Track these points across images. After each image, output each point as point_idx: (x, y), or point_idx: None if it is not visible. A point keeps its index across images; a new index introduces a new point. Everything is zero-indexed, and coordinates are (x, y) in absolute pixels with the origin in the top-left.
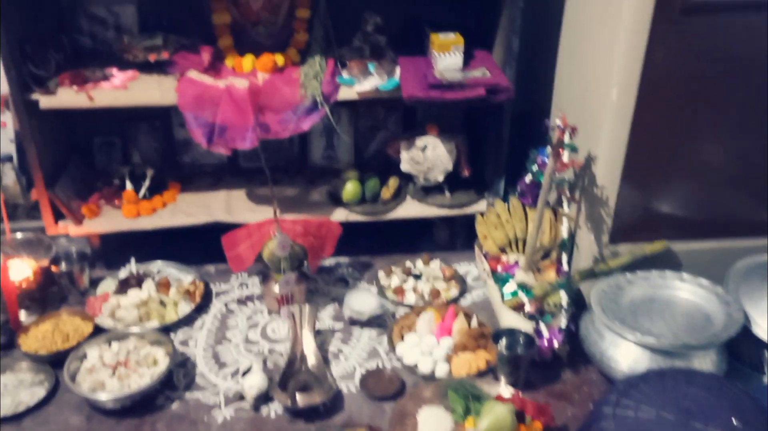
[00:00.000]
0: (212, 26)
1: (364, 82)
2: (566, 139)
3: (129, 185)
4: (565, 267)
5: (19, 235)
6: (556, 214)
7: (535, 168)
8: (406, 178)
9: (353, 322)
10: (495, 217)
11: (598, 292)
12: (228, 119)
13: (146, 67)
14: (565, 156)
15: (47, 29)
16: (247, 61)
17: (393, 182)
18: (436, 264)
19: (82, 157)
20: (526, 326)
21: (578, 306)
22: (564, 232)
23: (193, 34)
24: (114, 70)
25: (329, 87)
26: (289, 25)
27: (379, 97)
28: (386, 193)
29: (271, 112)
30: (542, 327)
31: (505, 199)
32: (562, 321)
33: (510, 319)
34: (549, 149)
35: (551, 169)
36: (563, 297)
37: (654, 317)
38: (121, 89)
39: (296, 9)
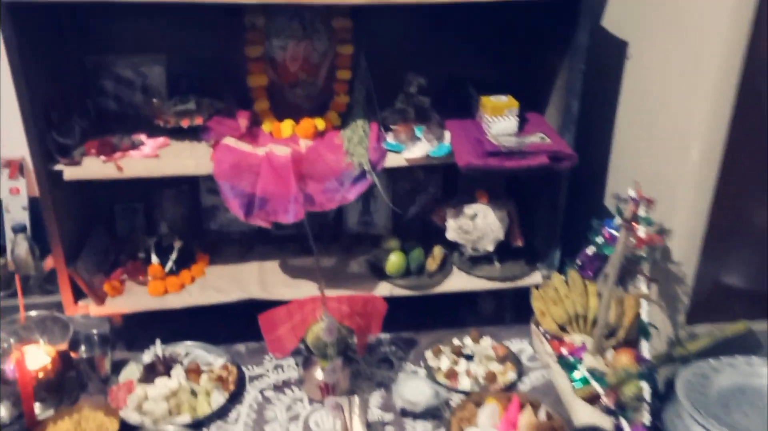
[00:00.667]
0: (246, 88)
1: (413, 148)
2: (641, 212)
3: (155, 259)
4: (645, 353)
5: (33, 313)
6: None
7: (600, 240)
8: (451, 246)
9: (405, 413)
10: (553, 292)
11: (684, 382)
12: (269, 190)
13: (178, 133)
14: (641, 231)
15: (72, 93)
16: (286, 126)
17: (438, 252)
18: (486, 342)
19: (102, 225)
20: (603, 422)
21: (654, 394)
22: (643, 315)
23: (225, 96)
24: (143, 137)
25: (376, 153)
26: (329, 86)
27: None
28: (432, 264)
29: (314, 181)
30: (624, 424)
31: (561, 271)
32: (646, 417)
33: (584, 413)
34: (619, 221)
35: (623, 245)
36: (644, 388)
37: (747, 410)
38: (151, 158)
39: (336, 70)
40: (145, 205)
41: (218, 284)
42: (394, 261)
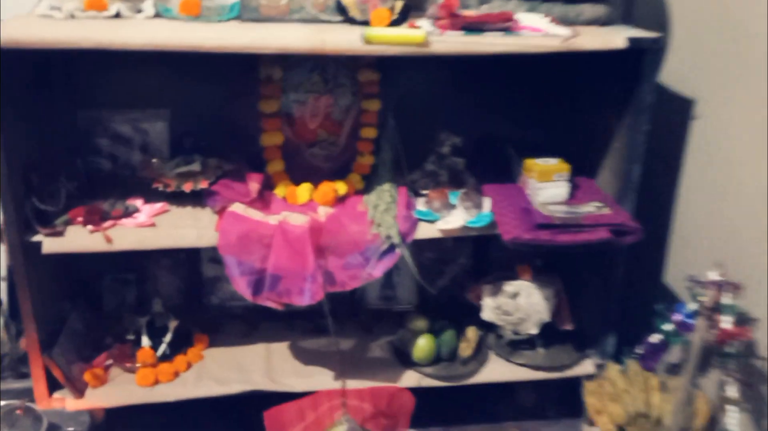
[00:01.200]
0: (259, 147)
1: (449, 218)
2: (725, 299)
3: (146, 341)
4: None
5: (2, 403)
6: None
7: (667, 328)
8: (486, 327)
9: None
10: (609, 385)
11: None
12: (282, 266)
13: (179, 198)
14: (726, 322)
15: (59, 152)
16: (303, 190)
17: (473, 334)
18: None
19: (87, 299)
20: None
21: None
22: (732, 425)
23: (234, 156)
24: (139, 202)
25: (406, 223)
26: (352, 146)
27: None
28: (466, 349)
29: (335, 256)
30: None
31: (617, 360)
32: None
33: None
34: (695, 306)
35: (702, 338)
36: None
37: None
38: (146, 227)
39: (361, 128)
40: (137, 275)
41: (217, 372)
42: (423, 345)
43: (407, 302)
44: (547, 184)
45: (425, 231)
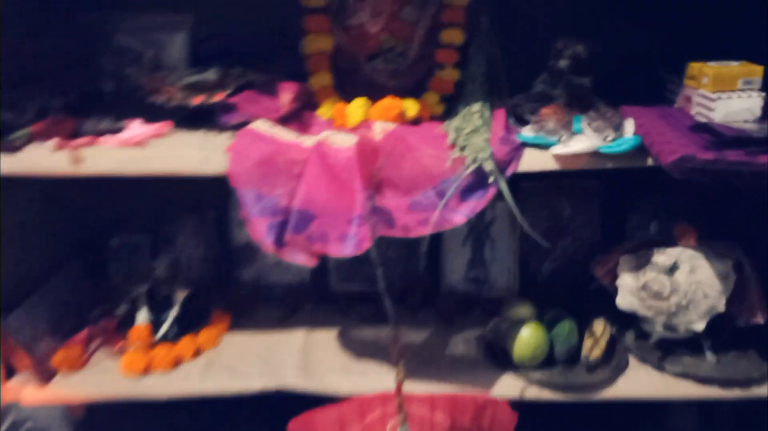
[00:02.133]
0: (302, 59)
1: (571, 142)
2: None
3: (143, 316)
4: None
5: None
6: None
7: None
8: (624, 321)
9: None
10: None
11: None
12: (316, 201)
13: (190, 119)
14: None
15: (50, 65)
16: (356, 108)
17: (602, 329)
18: None
19: (88, 265)
20: None
21: None
22: None
23: (269, 68)
24: (136, 123)
25: (504, 147)
26: (428, 56)
27: (572, 174)
28: (593, 349)
29: (395, 190)
30: None
31: None
32: None
33: None
34: None
35: None
36: None
37: None
38: (132, 148)
39: (442, 31)
40: (153, 238)
41: (236, 362)
42: (528, 339)
43: (505, 287)
44: (727, 95)
45: (533, 161)
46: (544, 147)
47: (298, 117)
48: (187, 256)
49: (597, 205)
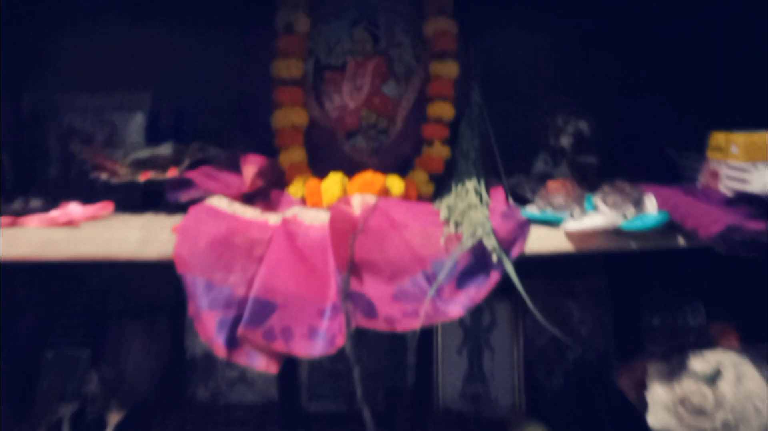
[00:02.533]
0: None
1: (585, 219)
2: None
3: None
4: None
5: None
6: None
7: None
8: None
9: None
10: None
11: None
12: (279, 287)
13: (137, 199)
14: None
15: None
16: (332, 184)
17: None
18: None
19: (17, 382)
20: None
21: None
22: None
23: (236, 144)
24: (73, 205)
25: (508, 224)
26: (414, 132)
27: (579, 274)
28: None
29: (377, 274)
30: None
31: None
32: None
33: None
34: None
35: None
36: None
37: None
38: (61, 226)
39: (429, 104)
40: (94, 351)
41: None
42: None
43: (508, 404)
44: (763, 164)
45: (542, 241)
46: (554, 224)
47: (264, 195)
48: (131, 369)
49: (608, 307)
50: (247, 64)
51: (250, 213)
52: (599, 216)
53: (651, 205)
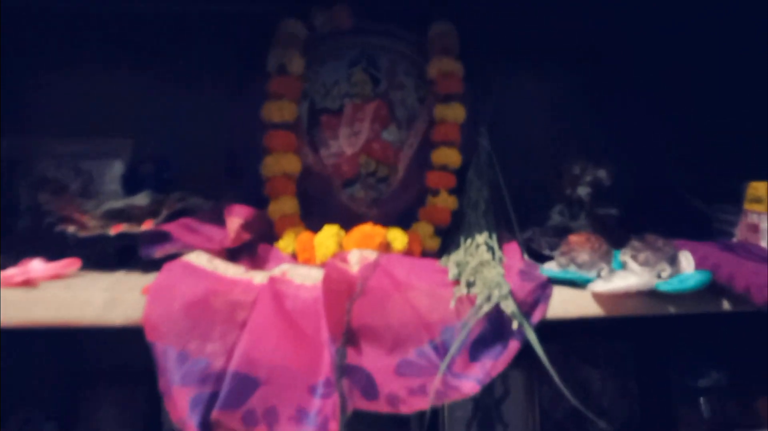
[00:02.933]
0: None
1: (614, 279)
2: None
3: None
4: None
5: None
6: None
7: None
8: None
9: None
10: None
11: None
12: (262, 359)
13: (108, 254)
14: None
15: None
16: (327, 238)
17: None
18: None
19: None
20: None
21: None
22: None
23: (223, 195)
24: (35, 262)
25: (527, 284)
26: (418, 182)
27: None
28: None
29: (377, 343)
30: None
31: None
32: None
33: None
34: None
35: None
36: None
37: None
38: (16, 286)
39: (433, 150)
40: (58, 422)
41: None
42: None
43: None
44: None
45: (566, 303)
46: (579, 284)
47: (250, 250)
48: None
49: (633, 374)
50: (235, 108)
51: (232, 271)
52: (632, 275)
53: (687, 262)
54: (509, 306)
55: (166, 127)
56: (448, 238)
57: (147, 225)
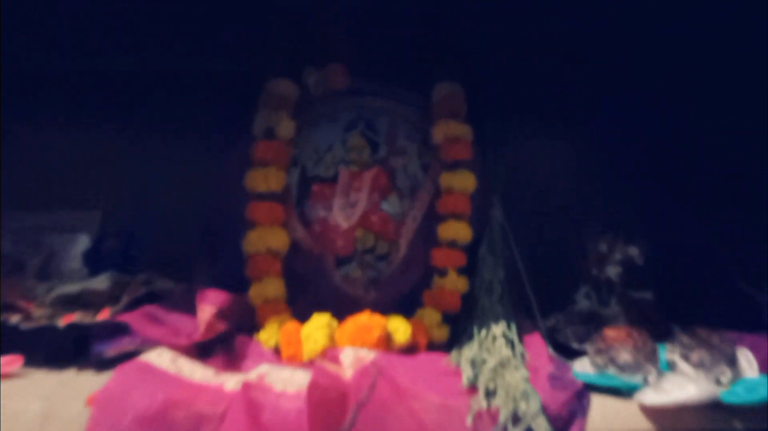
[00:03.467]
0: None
1: (665, 385)
2: None
3: None
4: None
5: None
6: None
7: None
8: None
9: None
10: None
11: None
12: None
13: (61, 349)
14: None
15: None
16: (316, 330)
17: None
18: None
19: None
20: None
21: None
22: None
23: (198, 275)
24: None
25: (560, 394)
26: (423, 260)
27: None
28: None
29: None
30: None
31: None
32: None
33: None
34: None
35: None
36: None
37: None
38: None
39: (440, 224)
40: None
41: None
42: None
43: None
44: None
45: (609, 419)
46: (624, 392)
47: (226, 343)
48: None
49: None
50: (215, 176)
51: (200, 373)
52: (689, 383)
53: (749, 364)
54: (541, 426)
55: (135, 198)
56: (459, 327)
57: (103, 315)
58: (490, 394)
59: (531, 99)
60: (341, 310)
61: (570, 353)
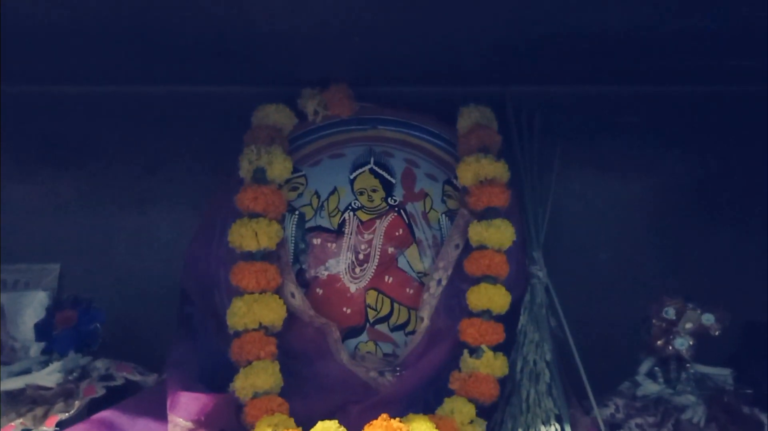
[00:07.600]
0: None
1: None
2: None
3: None
4: None
5: None
6: None
7: None
8: None
9: None
10: None
11: None
12: None
13: None
14: None
15: None
16: None
17: None
18: None
19: None
20: None
21: None
22: None
23: (173, 359)
24: None
25: None
26: (449, 332)
27: None
28: None
29: None
30: None
31: None
32: None
33: None
34: None
35: None
36: None
37: None
38: None
39: (471, 288)
40: None
41: None
42: None
43: None
44: None
45: None
46: None
47: None
48: None
49: None
50: (192, 231)
51: None
52: None
53: None
54: None
55: (96, 259)
56: (495, 419)
57: (50, 423)
58: None
59: (582, 127)
60: (350, 399)
61: None
